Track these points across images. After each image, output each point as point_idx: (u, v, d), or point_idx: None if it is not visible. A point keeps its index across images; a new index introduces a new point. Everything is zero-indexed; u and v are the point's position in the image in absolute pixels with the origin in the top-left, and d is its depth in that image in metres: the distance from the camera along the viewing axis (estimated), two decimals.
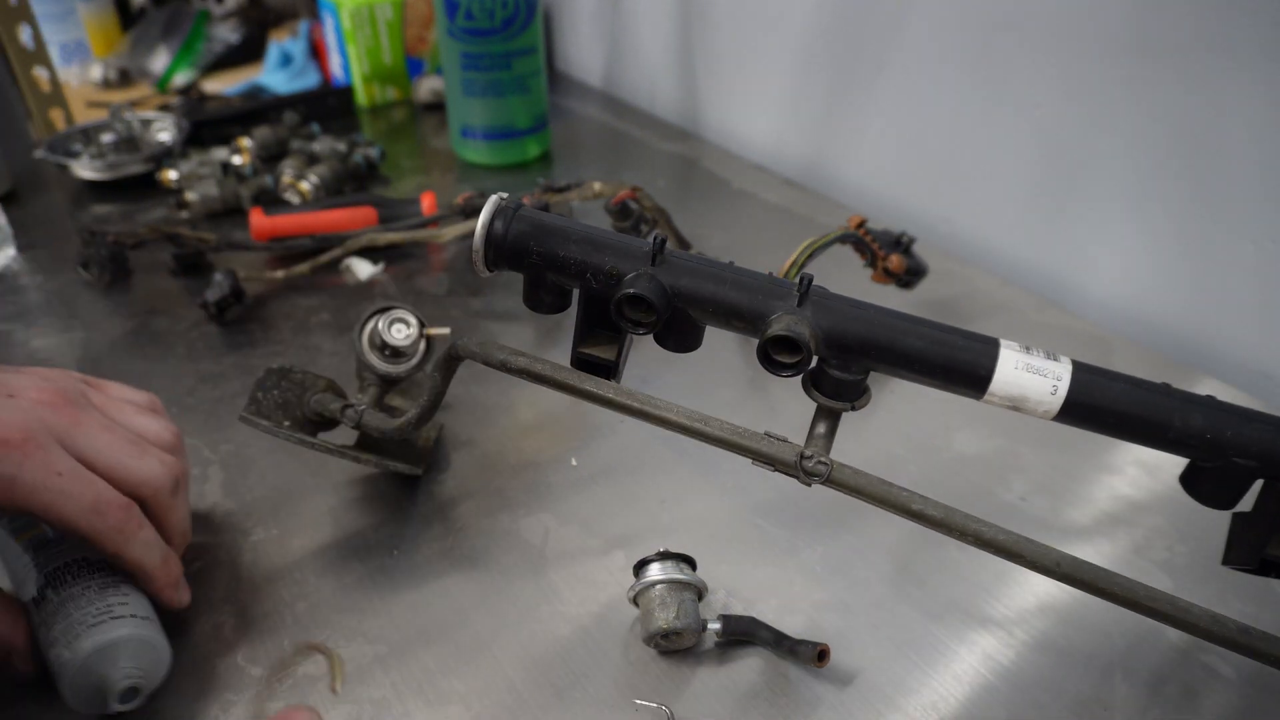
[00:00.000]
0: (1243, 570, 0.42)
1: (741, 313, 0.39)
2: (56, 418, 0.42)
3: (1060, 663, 0.47)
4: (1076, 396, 0.38)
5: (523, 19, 0.95)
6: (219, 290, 0.73)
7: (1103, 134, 0.73)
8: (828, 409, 0.41)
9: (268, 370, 0.53)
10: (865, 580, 0.52)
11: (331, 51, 1.21)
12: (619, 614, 0.49)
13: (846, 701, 0.45)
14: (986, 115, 0.81)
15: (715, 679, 0.46)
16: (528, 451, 0.61)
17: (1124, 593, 0.39)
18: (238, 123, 1.05)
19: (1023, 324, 0.75)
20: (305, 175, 0.91)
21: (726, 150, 1.08)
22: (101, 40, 1.30)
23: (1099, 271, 0.78)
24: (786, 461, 0.39)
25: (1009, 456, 0.61)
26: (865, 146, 0.95)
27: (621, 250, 0.40)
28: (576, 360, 0.42)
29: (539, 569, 0.52)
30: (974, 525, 0.39)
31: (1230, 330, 0.71)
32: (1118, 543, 0.55)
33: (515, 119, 1.01)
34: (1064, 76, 0.74)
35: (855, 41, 0.90)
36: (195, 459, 0.59)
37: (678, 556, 0.48)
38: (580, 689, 0.45)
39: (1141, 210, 0.73)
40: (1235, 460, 0.39)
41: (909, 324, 0.39)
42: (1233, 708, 0.45)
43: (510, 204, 0.41)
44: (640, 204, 0.75)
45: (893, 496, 0.39)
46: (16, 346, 0.71)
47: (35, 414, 0.41)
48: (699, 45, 1.10)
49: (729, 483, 0.58)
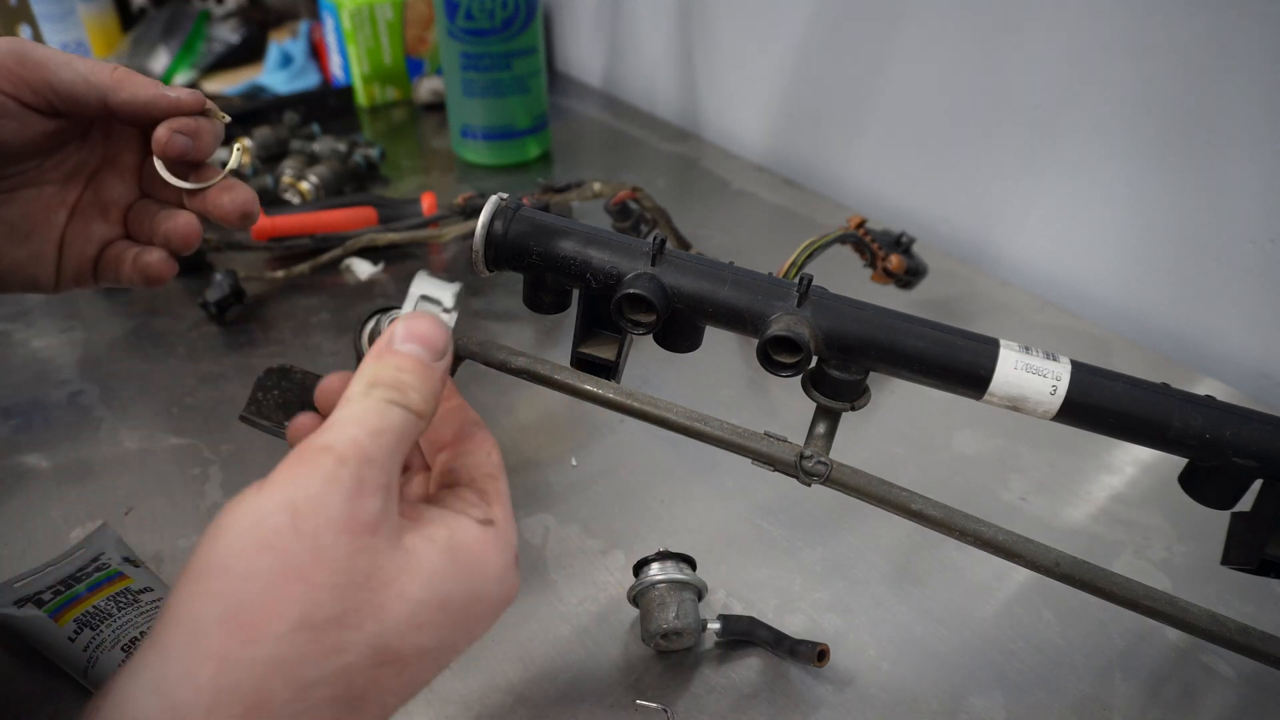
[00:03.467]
0: (1242, 570, 0.42)
1: (741, 313, 0.39)
2: None
3: (1060, 663, 0.47)
4: (1076, 396, 0.38)
5: (523, 19, 0.95)
6: (219, 290, 0.73)
7: (1102, 133, 0.73)
8: (827, 409, 0.41)
9: (268, 370, 0.53)
10: (865, 580, 0.52)
11: (331, 52, 1.21)
12: (619, 614, 0.49)
13: (846, 701, 0.45)
14: (985, 115, 0.81)
15: (715, 679, 0.46)
16: (528, 451, 0.61)
17: (1123, 592, 0.39)
18: (238, 123, 1.05)
19: (1023, 324, 0.75)
20: (305, 175, 0.91)
21: (726, 150, 1.08)
22: (102, 40, 1.30)
23: (1099, 271, 0.78)
24: (786, 461, 0.39)
25: (1009, 456, 0.61)
26: (865, 146, 0.95)
27: (621, 250, 0.40)
28: (576, 360, 0.42)
29: (539, 569, 0.52)
30: (974, 525, 0.39)
31: (1230, 330, 0.71)
32: (1117, 543, 0.55)
33: (515, 119, 1.01)
34: (1062, 77, 0.74)
35: (855, 42, 0.90)
36: (195, 459, 0.59)
37: (678, 556, 0.48)
38: (580, 689, 0.45)
39: (1141, 210, 0.73)
40: (1234, 460, 0.39)
41: (909, 324, 0.39)
42: (1232, 707, 0.45)
43: (510, 204, 0.41)
44: (640, 204, 0.75)
45: (892, 496, 0.39)
46: (16, 346, 0.71)
47: None
48: (699, 45, 1.10)
49: (729, 483, 0.58)
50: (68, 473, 0.58)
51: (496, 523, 0.31)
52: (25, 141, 0.40)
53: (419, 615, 0.27)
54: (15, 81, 0.39)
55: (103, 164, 0.44)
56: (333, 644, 0.25)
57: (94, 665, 0.43)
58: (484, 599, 0.30)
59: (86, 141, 0.44)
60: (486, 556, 0.30)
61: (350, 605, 0.26)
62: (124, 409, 0.64)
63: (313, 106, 1.13)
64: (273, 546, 0.25)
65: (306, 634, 0.25)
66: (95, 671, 0.43)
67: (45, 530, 0.54)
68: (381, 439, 0.28)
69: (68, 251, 0.44)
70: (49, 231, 0.43)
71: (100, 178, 0.44)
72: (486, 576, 0.30)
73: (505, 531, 0.31)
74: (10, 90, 0.39)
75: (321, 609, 0.25)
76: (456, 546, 0.29)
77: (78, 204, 0.44)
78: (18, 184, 0.42)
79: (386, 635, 0.27)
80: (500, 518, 0.32)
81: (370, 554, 0.27)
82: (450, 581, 0.28)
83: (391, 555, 0.27)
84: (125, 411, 0.64)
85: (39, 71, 0.39)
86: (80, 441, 0.61)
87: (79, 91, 0.39)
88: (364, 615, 0.26)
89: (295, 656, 0.25)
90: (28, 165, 0.42)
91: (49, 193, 0.43)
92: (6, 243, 0.42)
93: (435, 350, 0.32)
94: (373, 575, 0.27)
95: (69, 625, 0.44)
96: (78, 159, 0.44)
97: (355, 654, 0.26)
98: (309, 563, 0.25)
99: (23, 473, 0.58)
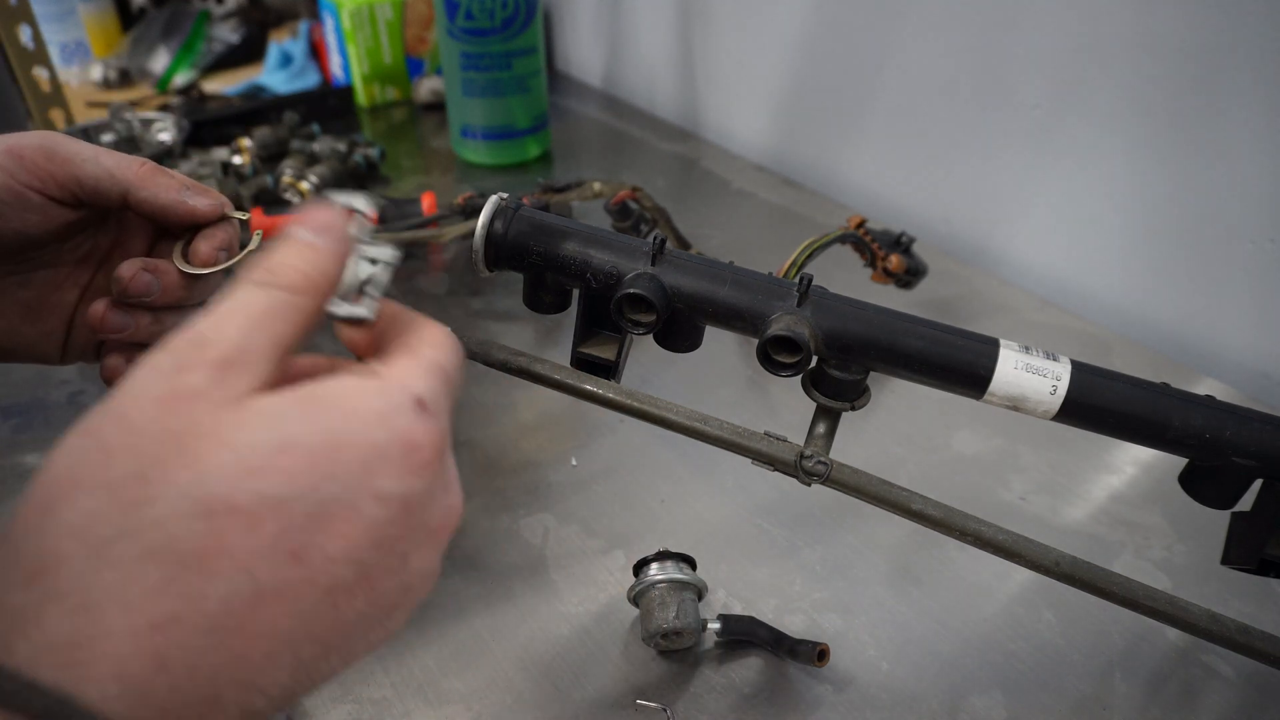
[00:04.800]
0: (1242, 570, 0.42)
1: (741, 313, 0.39)
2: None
3: (1060, 663, 0.47)
4: (1076, 396, 0.38)
5: (523, 19, 0.95)
6: None
7: (1101, 134, 0.73)
8: (827, 409, 0.41)
9: None
10: (865, 580, 0.52)
11: (331, 51, 1.21)
12: (619, 614, 0.49)
13: (846, 701, 0.45)
14: (984, 114, 0.81)
15: (715, 679, 0.46)
16: (528, 451, 0.61)
17: (1123, 592, 0.39)
18: (238, 123, 1.05)
19: (1023, 324, 0.75)
20: (305, 175, 0.91)
21: (726, 150, 1.08)
22: (101, 40, 1.30)
23: (1099, 271, 0.78)
24: (786, 461, 0.39)
25: (1009, 456, 0.61)
26: (865, 146, 0.95)
27: (621, 250, 0.40)
28: (576, 360, 0.42)
29: (539, 569, 0.52)
30: (974, 525, 0.39)
31: (1230, 330, 0.71)
32: (1117, 542, 0.55)
33: (515, 119, 1.01)
34: (1062, 76, 0.74)
35: (855, 42, 0.90)
36: None
37: (678, 556, 0.48)
38: (580, 689, 0.45)
39: (1141, 209, 0.73)
40: (1234, 460, 0.39)
41: (909, 324, 0.39)
42: (1232, 707, 0.45)
43: (510, 204, 0.41)
44: (640, 204, 0.75)
45: (892, 496, 0.39)
46: None
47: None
48: (699, 45, 1.10)
49: (729, 483, 0.58)
50: None
51: (380, 374, 0.28)
52: (47, 231, 0.42)
53: (249, 459, 0.24)
54: (44, 177, 0.40)
55: (114, 248, 0.45)
56: (133, 497, 0.24)
57: None
58: (353, 443, 0.26)
59: (102, 227, 0.45)
60: (350, 397, 0.26)
61: (153, 458, 0.24)
62: None
63: (313, 106, 1.12)
64: (85, 430, 0.25)
65: (102, 494, 0.23)
66: None
67: None
68: (226, 320, 0.26)
69: (75, 332, 0.45)
70: (60, 311, 0.45)
71: (111, 262, 0.45)
72: (351, 416, 0.26)
73: (393, 377, 0.28)
74: (38, 186, 0.40)
75: (119, 468, 0.24)
76: (311, 395, 0.26)
77: (89, 286, 0.45)
78: (34, 266, 0.43)
79: (206, 483, 0.24)
80: (392, 370, 0.28)
81: (184, 416, 0.25)
82: (293, 424, 0.25)
83: (215, 413, 0.25)
84: None
85: (66, 167, 0.40)
86: None
87: (103, 186, 0.40)
88: (171, 467, 0.24)
89: (87, 515, 0.23)
90: (46, 250, 0.43)
91: (63, 274, 0.44)
92: (20, 321, 0.44)
93: (317, 227, 0.29)
94: (185, 432, 0.25)
95: None
96: (92, 244, 0.45)
97: (166, 505, 0.24)
98: (112, 433, 0.24)
99: (23, 473, 0.58)
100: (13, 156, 0.39)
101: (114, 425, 0.24)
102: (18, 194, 0.39)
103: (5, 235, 0.40)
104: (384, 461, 0.26)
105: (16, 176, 0.39)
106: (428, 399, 0.28)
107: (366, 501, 0.26)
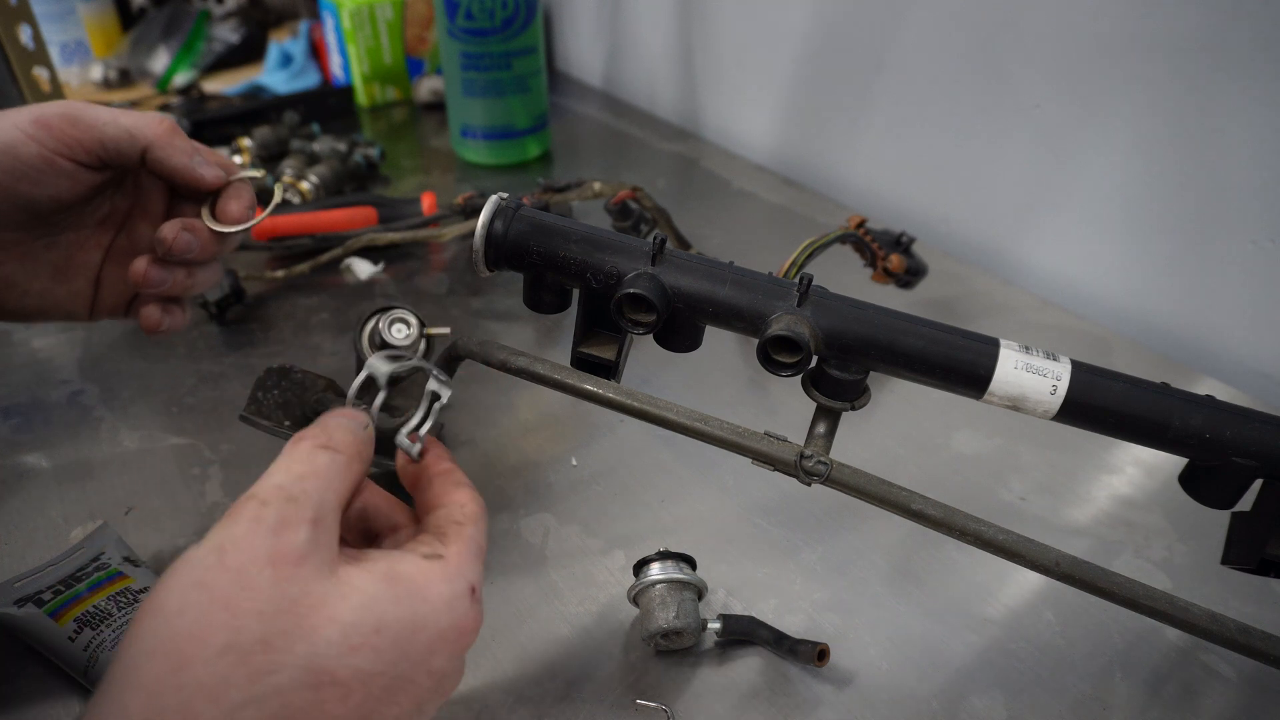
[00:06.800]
0: (1242, 570, 0.42)
1: (741, 313, 0.39)
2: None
3: (1060, 662, 0.47)
4: (1076, 396, 0.38)
5: (523, 19, 0.95)
6: (219, 290, 0.73)
7: (1102, 133, 0.73)
8: (828, 409, 0.41)
9: (268, 370, 0.53)
10: (865, 580, 0.52)
11: (331, 51, 1.21)
12: (619, 614, 0.49)
13: (846, 701, 0.45)
14: (985, 114, 0.81)
15: (715, 679, 0.46)
16: (528, 451, 0.61)
17: (1123, 592, 0.39)
18: (238, 123, 1.05)
19: (1023, 324, 0.75)
20: (305, 175, 0.91)
21: (726, 150, 1.08)
22: (101, 40, 1.30)
23: (1099, 270, 0.78)
24: (786, 461, 0.39)
25: (1009, 456, 0.61)
26: (865, 146, 0.95)
27: (621, 250, 0.40)
28: (576, 360, 0.42)
29: (539, 569, 0.52)
30: (974, 525, 0.39)
31: (1230, 330, 0.71)
32: (1117, 542, 0.55)
33: (515, 119, 1.01)
34: (1063, 76, 0.74)
35: (855, 41, 0.90)
36: (195, 459, 0.59)
37: (678, 556, 0.48)
38: (580, 689, 0.45)
39: (1142, 209, 0.73)
40: (1234, 460, 0.39)
41: (909, 324, 0.39)
42: (1232, 707, 0.45)
43: (510, 204, 0.41)
44: (640, 204, 0.75)
45: (892, 496, 0.39)
46: (16, 346, 0.71)
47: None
48: (699, 45, 1.10)
49: (729, 483, 0.58)
50: (68, 472, 0.58)
51: (446, 557, 0.32)
52: (75, 195, 0.44)
53: (352, 637, 0.28)
54: (70, 143, 0.42)
55: (134, 209, 0.48)
56: (260, 665, 0.26)
57: (94, 665, 0.43)
58: (427, 626, 0.30)
59: (121, 189, 0.47)
60: (427, 583, 0.30)
61: (277, 628, 0.27)
62: (124, 409, 0.64)
63: (313, 106, 1.12)
64: (202, 583, 0.27)
65: (232, 657, 0.26)
66: (95, 671, 0.43)
67: (45, 530, 0.54)
68: (306, 480, 0.30)
69: (103, 290, 0.48)
70: (87, 271, 0.47)
71: (132, 222, 0.48)
72: (428, 602, 0.30)
73: (456, 564, 0.32)
74: (66, 152, 0.42)
75: (247, 633, 0.26)
76: (395, 575, 0.30)
77: (112, 246, 0.48)
78: (61, 229, 0.46)
79: (319, 656, 0.27)
80: (453, 554, 0.32)
81: (298, 582, 0.28)
82: (385, 604, 0.29)
83: (321, 582, 0.28)
84: (125, 411, 0.64)
85: (90, 131, 0.42)
86: (80, 441, 0.61)
87: (124, 146, 0.43)
88: (293, 637, 0.27)
89: (221, 679, 0.26)
90: (71, 214, 0.45)
91: (86, 236, 0.47)
92: (51, 282, 0.46)
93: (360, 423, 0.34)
94: (300, 600, 0.27)
95: (69, 625, 0.44)
96: (112, 205, 0.47)
97: (286, 675, 0.26)
98: (235, 593, 0.27)
99: (23, 472, 0.58)
100: (41, 126, 0.41)
101: (232, 583, 0.27)
102: (49, 161, 0.42)
103: (39, 201, 0.43)
104: (443, 643, 0.31)
105: (46, 145, 0.41)
106: (478, 586, 0.33)
107: (422, 676, 0.30)
